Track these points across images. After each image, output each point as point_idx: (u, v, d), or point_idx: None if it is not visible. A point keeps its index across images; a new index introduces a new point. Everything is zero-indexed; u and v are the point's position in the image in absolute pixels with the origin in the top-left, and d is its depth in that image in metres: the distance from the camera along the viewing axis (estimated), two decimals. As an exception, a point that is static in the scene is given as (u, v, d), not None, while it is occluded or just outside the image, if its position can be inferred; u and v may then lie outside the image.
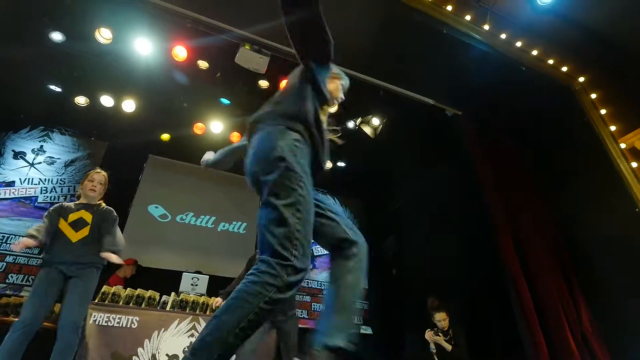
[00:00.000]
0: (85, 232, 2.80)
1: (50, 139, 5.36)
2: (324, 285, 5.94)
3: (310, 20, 1.36)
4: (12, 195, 4.78)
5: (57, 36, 4.32)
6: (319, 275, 6.02)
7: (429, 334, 3.80)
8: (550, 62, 4.48)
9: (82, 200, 2.95)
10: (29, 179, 4.96)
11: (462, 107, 4.92)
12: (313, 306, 5.66)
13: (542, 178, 4.76)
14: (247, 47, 4.25)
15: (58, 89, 5.05)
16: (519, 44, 4.30)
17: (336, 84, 1.80)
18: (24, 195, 4.85)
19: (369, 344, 5.69)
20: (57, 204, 2.90)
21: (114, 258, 2.76)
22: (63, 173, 5.16)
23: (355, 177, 6.89)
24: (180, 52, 4.50)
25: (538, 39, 4.35)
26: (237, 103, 5.37)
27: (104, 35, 4.35)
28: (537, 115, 4.74)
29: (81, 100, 5.23)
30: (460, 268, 4.73)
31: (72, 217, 2.83)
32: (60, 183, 5.08)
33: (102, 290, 3.77)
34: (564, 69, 4.52)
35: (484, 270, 4.47)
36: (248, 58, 4.30)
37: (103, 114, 5.36)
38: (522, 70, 4.38)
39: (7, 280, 4.31)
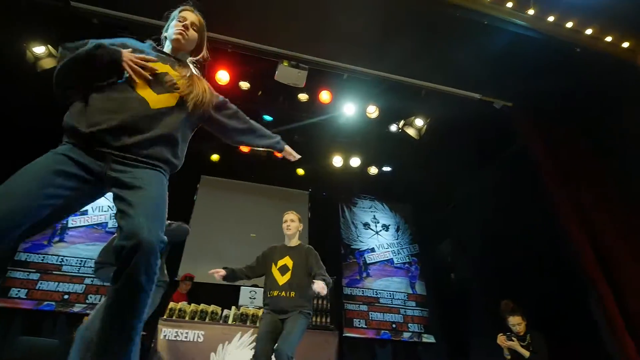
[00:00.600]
0: None
1: (115, 169, 5.85)
2: (380, 293, 5.83)
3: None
4: (87, 223, 5.25)
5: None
6: (374, 283, 5.92)
7: (501, 339, 3.55)
8: (609, 39, 4.11)
9: None
10: (99, 207, 5.43)
11: (512, 99, 4.66)
12: (371, 315, 5.57)
13: (614, 167, 4.33)
14: (286, 63, 4.37)
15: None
16: (569, 24, 4.00)
17: None
18: (96, 222, 5.31)
19: (432, 353, 5.48)
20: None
21: None
22: (127, 199, 5.60)
23: (402, 181, 6.75)
24: (223, 77, 4.74)
25: (591, 17, 4.02)
26: (279, 118, 5.51)
27: (154, 68, 4.70)
28: (598, 97, 4.36)
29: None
30: (525, 268, 4.43)
31: None
32: (125, 209, 5.52)
33: (169, 306, 3.99)
34: (625, 44, 4.13)
35: (553, 270, 4.14)
36: (287, 74, 4.42)
37: (158, 141, 5.75)
38: (577, 52, 4.07)
39: (86, 300, 4.71)
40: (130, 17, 4.06)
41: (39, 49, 4.40)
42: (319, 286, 2.76)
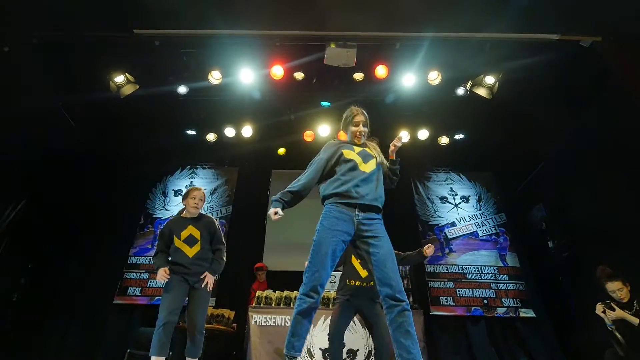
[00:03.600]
0: (197, 247, 3.04)
1: (196, 174, 6.41)
2: (467, 268, 5.51)
3: None
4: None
5: (182, 89, 5.13)
6: (459, 259, 5.61)
7: (599, 308, 3.12)
8: None
9: (186, 215, 3.16)
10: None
11: (600, 33, 3.96)
12: (458, 292, 5.30)
13: None
14: (333, 45, 4.30)
15: (193, 132, 6.02)
16: None
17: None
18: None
19: (533, 329, 5.03)
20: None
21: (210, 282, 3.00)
22: (210, 200, 6.09)
23: (479, 147, 6.21)
24: (278, 71, 4.83)
25: None
26: (337, 102, 5.46)
27: (214, 76, 4.99)
28: None
29: (211, 137, 6.09)
30: (635, 228, 3.78)
31: (184, 234, 3.05)
32: (209, 209, 6.00)
33: (256, 295, 4.28)
34: None
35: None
36: (336, 56, 4.35)
37: (229, 144, 6.15)
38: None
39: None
40: (187, 32, 4.35)
41: (119, 78, 4.95)
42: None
